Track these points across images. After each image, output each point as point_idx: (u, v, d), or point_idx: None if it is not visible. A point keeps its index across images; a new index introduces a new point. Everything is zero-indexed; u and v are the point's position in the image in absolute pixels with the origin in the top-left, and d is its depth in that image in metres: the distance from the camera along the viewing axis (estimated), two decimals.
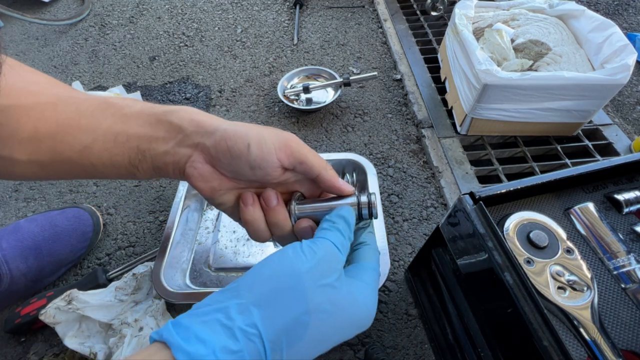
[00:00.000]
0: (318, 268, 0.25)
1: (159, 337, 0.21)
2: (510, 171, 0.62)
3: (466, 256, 0.33)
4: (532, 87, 0.55)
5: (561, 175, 0.33)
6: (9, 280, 0.46)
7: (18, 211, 0.62)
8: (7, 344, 0.48)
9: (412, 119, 0.73)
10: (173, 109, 0.30)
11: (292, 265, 0.24)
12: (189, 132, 0.29)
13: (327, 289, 0.24)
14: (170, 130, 0.29)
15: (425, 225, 0.57)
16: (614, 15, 0.96)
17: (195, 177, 0.29)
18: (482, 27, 0.70)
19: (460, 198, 0.33)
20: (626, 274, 0.29)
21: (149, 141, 0.29)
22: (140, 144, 0.29)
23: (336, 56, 0.87)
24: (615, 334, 0.27)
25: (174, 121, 0.29)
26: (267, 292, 0.23)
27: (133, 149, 0.29)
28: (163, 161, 0.29)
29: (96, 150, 0.29)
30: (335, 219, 0.29)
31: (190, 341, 0.21)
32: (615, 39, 0.57)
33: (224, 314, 0.22)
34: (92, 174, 0.30)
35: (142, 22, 1.01)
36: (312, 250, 0.25)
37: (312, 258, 0.25)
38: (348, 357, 0.46)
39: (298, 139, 0.31)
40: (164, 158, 0.29)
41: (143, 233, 0.58)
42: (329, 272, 0.25)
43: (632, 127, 0.69)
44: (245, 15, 1.02)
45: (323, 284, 0.24)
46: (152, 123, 0.29)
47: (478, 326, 0.35)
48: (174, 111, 0.29)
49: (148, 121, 0.29)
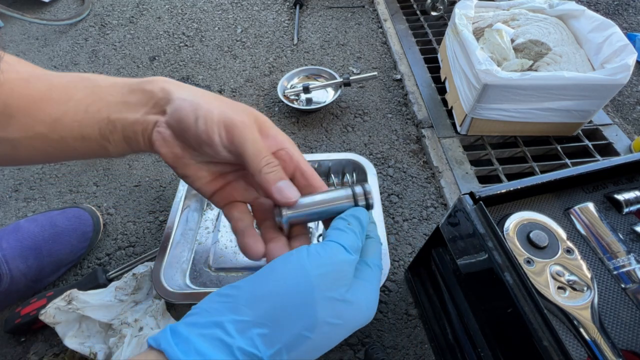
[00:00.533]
0: (327, 280, 0.22)
1: (157, 344, 0.20)
2: (510, 171, 0.62)
3: (466, 256, 0.33)
4: (532, 87, 0.55)
5: (561, 175, 0.33)
6: (8, 280, 0.46)
7: (18, 211, 0.62)
8: (7, 344, 0.48)
9: (412, 119, 0.73)
10: (149, 78, 0.29)
11: (298, 279, 0.22)
12: (158, 99, 0.28)
13: (336, 303, 0.22)
14: (142, 98, 0.28)
15: (425, 225, 0.57)
16: (614, 15, 0.96)
17: (159, 142, 0.28)
18: (482, 27, 0.70)
19: (460, 198, 0.33)
20: (626, 274, 0.29)
21: (120, 110, 0.28)
22: (111, 113, 0.28)
23: (336, 56, 0.87)
24: (615, 334, 0.27)
25: (147, 88, 0.28)
26: (270, 310, 0.21)
27: (104, 120, 0.28)
28: (133, 130, 0.28)
29: (67, 123, 0.28)
30: (350, 219, 0.26)
31: (189, 354, 0.19)
32: (615, 39, 0.57)
33: (223, 330, 0.20)
34: (65, 151, 0.29)
35: (142, 22, 1.01)
36: (320, 259, 0.23)
37: (321, 269, 0.22)
38: (348, 357, 0.46)
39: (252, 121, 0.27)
40: (134, 127, 0.28)
41: (143, 233, 0.58)
42: (339, 284, 0.23)
43: (632, 127, 0.69)
44: (245, 15, 1.02)
45: (332, 297, 0.22)
46: (124, 93, 0.29)
47: (478, 326, 0.35)
48: (148, 81, 0.29)
49: (121, 91, 0.29)
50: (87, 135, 0.28)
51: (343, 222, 0.26)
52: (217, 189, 0.31)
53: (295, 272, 0.22)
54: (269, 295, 0.22)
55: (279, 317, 0.21)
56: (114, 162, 0.68)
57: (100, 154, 0.30)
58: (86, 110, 0.28)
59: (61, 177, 0.66)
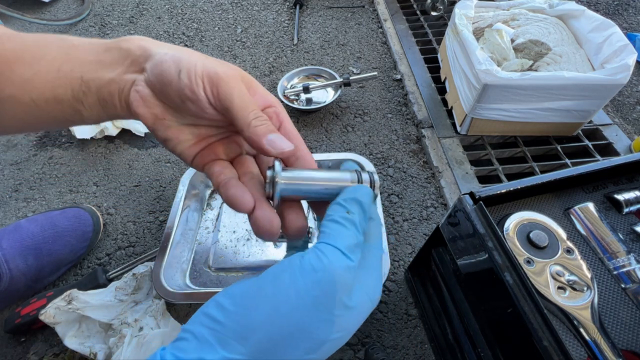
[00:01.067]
0: (327, 300, 0.20)
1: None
2: (510, 171, 0.62)
3: (466, 256, 0.33)
4: (532, 87, 0.55)
5: (561, 175, 0.33)
6: (8, 280, 0.46)
7: (18, 211, 0.62)
8: (7, 344, 0.48)
9: (412, 119, 0.73)
10: (126, 37, 0.27)
11: (292, 305, 0.20)
12: (135, 57, 0.26)
13: (337, 318, 0.20)
14: (118, 56, 0.26)
15: (425, 225, 0.57)
16: (614, 15, 0.96)
17: (137, 102, 0.25)
18: (482, 27, 0.70)
19: (460, 198, 0.33)
20: (626, 274, 0.29)
21: (95, 69, 0.26)
22: (85, 73, 0.26)
23: (336, 56, 0.87)
24: (615, 334, 0.27)
25: (123, 46, 0.26)
26: (264, 342, 0.19)
27: (77, 80, 0.26)
28: (109, 91, 0.26)
29: (38, 84, 0.26)
30: (351, 205, 0.23)
31: None
32: (615, 39, 0.57)
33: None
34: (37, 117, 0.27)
35: (142, 22, 1.01)
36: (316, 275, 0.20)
37: (318, 289, 0.20)
38: (348, 357, 0.46)
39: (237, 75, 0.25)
40: (109, 87, 0.26)
41: (143, 233, 0.58)
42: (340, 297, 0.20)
43: (632, 127, 0.69)
44: (245, 15, 1.02)
45: (333, 314, 0.20)
46: (100, 51, 0.26)
47: (478, 326, 0.35)
48: (125, 39, 0.26)
49: (96, 50, 0.26)
50: (59, 97, 0.26)
51: (341, 209, 0.23)
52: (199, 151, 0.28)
53: (288, 296, 0.20)
54: (260, 325, 0.19)
55: (276, 349, 0.19)
56: (114, 162, 0.68)
57: (75, 119, 0.28)
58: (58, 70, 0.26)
59: (61, 177, 0.66)
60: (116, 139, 0.71)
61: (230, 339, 0.19)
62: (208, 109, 0.24)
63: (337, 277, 0.20)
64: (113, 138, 0.71)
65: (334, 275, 0.20)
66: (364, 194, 0.24)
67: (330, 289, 0.20)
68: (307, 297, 0.20)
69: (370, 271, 0.23)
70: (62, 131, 0.73)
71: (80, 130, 0.68)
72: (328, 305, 0.20)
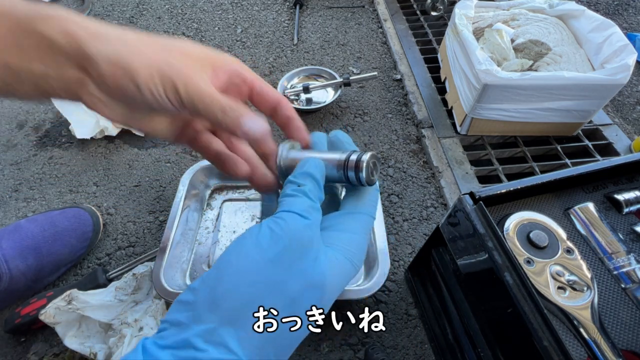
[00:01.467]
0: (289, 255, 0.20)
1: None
2: (510, 171, 0.62)
3: (466, 256, 0.33)
4: (532, 87, 0.55)
5: (561, 175, 0.33)
6: (8, 280, 0.46)
7: (18, 211, 0.62)
8: (7, 344, 0.48)
9: (412, 119, 0.73)
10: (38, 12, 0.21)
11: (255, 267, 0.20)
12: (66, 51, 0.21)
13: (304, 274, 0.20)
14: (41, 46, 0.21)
15: (425, 225, 0.57)
16: (614, 15, 0.96)
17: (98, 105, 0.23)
18: (482, 27, 0.70)
19: (460, 198, 0.33)
20: (626, 274, 0.29)
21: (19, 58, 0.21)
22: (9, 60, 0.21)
23: (336, 56, 0.87)
24: (615, 334, 0.27)
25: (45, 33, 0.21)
26: (234, 307, 0.19)
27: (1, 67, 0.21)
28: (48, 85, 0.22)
29: None
30: (301, 179, 0.23)
31: None
32: (615, 39, 0.57)
33: (193, 348, 0.18)
34: None
35: (142, 22, 1.01)
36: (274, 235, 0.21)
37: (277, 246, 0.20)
38: (348, 357, 0.46)
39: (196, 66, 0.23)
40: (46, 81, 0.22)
41: (143, 233, 0.58)
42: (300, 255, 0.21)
43: (632, 127, 0.69)
44: (245, 15, 1.02)
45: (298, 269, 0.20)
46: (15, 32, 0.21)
47: (478, 326, 0.35)
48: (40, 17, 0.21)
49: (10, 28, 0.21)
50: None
51: (292, 185, 0.23)
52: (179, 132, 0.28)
53: (250, 259, 0.20)
54: (228, 292, 0.20)
55: (246, 312, 0.19)
56: (114, 162, 0.68)
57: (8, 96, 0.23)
58: None
59: (61, 177, 0.66)
60: (116, 139, 0.71)
61: (202, 313, 0.19)
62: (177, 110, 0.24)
63: (296, 234, 0.21)
64: (113, 138, 0.71)
65: (293, 232, 0.21)
66: (312, 166, 0.24)
67: (290, 244, 0.20)
68: (270, 254, 0.20)
69: (347, 233, 0.23)
70: (62, 131, 0.73)
71: (80, 130, 0.68)
72: (292, 260, 0.20)
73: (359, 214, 0.24)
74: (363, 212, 0.25)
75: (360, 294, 0.44)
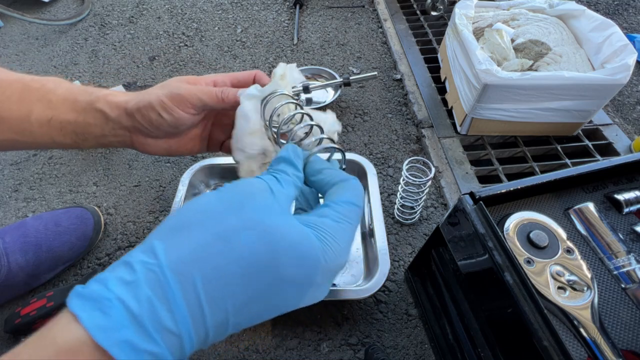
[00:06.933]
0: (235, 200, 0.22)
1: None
2: (510, 171, 0.62)
3: (466, 256, 0.33)
4: (532, 87, 0.55)
5: (561, 175, 0.33)
6: (6, 273, 0.47)
7: (18, 211, 0.62)
8: (7, 344, 0.48)
9: (412, 119, 0.73)
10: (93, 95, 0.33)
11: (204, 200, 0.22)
12: (113, 117, 0.33)
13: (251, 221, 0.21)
14: (98, 117, 0.33)
15: (425, 225, 0.57)
16: (614, 15, 0.96)
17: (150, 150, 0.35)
18: (482, 27, 0.70)
19: (460, 198, 0.33)
20: (626, 274, 0.29)
21: (83, 128, 0.33)
22: (75, 129, 0.33)
23: (336, 56, 0.87)
24: (615, 334, 0.27)
25: (99, 108, 0.33)
26: (171, 226, 0.21)
27: (70, 134, 0.33)
28: (107, 141, 0.34)
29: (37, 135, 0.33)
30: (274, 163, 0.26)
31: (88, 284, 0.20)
32: (615, 39, 0.57)
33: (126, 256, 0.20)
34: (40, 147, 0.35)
35: (142, 22, 1.01)
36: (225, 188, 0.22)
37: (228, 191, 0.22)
38: (348, 357, 0.46)
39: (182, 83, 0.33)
40: (106, 139, 0.34)
41: (143, 233, 0.58)
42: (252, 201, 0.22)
43: (632, 127, 0.69)
44: (245, 15, 1.02)
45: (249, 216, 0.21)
46: (79, 111, 0.33)
47: (478, 326, 0.35)
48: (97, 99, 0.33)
49: (75, 108, 0.33)
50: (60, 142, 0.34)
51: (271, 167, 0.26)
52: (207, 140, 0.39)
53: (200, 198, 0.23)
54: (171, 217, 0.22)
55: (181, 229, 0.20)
56: (114, 162, 0.68)
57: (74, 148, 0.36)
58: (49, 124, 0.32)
59: (61, 177, 0.66)
60: None
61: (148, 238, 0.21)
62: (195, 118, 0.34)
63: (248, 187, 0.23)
64: None
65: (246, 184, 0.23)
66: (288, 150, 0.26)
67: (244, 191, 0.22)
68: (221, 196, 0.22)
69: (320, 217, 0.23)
70: None
71: None
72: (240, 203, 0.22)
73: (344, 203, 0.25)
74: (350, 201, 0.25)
75: (360, 294, 0.44)
